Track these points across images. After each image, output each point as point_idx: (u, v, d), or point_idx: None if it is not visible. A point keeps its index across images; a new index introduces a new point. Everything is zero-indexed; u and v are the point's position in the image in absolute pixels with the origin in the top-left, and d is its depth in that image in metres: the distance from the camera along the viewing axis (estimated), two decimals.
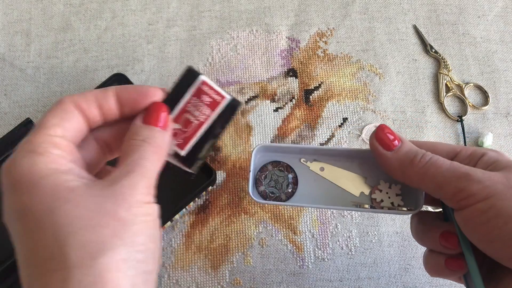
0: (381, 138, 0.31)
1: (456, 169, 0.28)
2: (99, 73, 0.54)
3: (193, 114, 0.29)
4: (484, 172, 0.28)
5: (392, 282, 0.46)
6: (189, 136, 0.29)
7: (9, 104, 0.53)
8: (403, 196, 0.34)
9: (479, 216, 0.27)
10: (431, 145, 0.32)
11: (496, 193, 0.26)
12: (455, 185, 0.28)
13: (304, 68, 0.55)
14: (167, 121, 0.28)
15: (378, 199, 0.34)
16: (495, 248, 0.27)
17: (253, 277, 0.46)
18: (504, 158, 0.30)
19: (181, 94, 0.29)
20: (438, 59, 0.55)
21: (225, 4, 0.58)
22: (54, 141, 0.24)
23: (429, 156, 0.30)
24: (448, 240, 0.31)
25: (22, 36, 0.56)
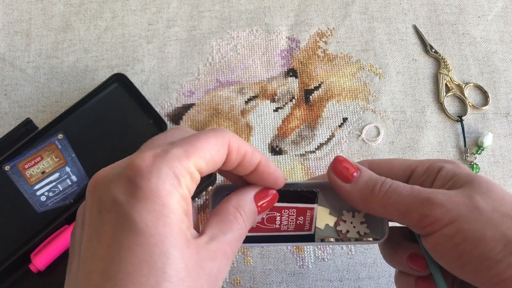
0: (338, 171, 0.30)
1: (417, 194, 0.27)
2: (99, 73, 0.54)
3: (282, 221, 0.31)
4: (445, 194, 0.27)
5: (392, 282, 0.46)
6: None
7: (9, 104, 0.53)
8: (368, 223, 0.32)
9: (447, 242, 0.26)
10: (387, 162, 0.31)
11: (460, 216, 0.25)
12: (418, 212, 0.27)
13: (304, 68, 0.55)
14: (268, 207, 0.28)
15: (343, 231, 0.32)
16: (467, 272, 0.26)
17: (253, 277, 0.46)
18: (463, 171, 0.29)
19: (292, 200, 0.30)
20: (438, 59, 0.56)
21: (225, 4, 0.58)
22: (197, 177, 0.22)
23: (388, 183, 0.29)
24: (415, 262, 0.30)
25: (22, 36, 0.56)
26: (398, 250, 0.31)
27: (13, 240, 0.45)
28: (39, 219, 0.46)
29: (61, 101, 0.53)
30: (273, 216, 0.31)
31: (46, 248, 0.44)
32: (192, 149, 0.21)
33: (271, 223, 0.31)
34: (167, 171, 0.20)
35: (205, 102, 0.53)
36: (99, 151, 0.48)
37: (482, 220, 0.25)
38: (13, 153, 0.46)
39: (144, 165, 0.20)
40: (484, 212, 0.25)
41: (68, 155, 0.48)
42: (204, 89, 0.54)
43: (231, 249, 0.23)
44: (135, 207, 0.19)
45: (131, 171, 0.20)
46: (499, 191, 0.27)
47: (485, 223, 0.25)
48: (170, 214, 0.20)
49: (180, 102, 0.53)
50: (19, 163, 0.47)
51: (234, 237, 0.24)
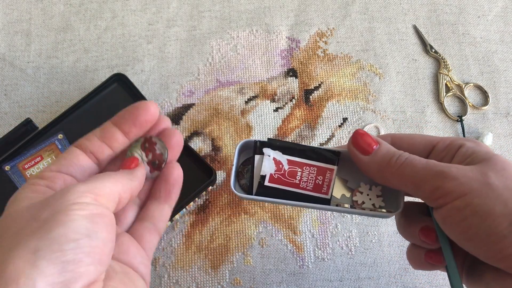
0: (357, 143, 0.31)
1: (431, 167, 0.28)
2: (99, 73, 0.54)
3: None
4: (459, 168, 0.27)
5: (392, 282, 0.46)
6: None
7: (9, 104, 0.53)
8: (384, 197, 0.33)
9: (456, 214, 0.27)
10: (409, 137, 0.32)
11: (471, 190, 0.26)
12: (431, 184, 0.27)
13: (304, 68, 0.55)
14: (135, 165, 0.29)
15: (359, 201, 0.33)
16: (473, 246, 0.27)
17: (253, 277, 0.46)
18: (482, 149, 0.29)
19: None
20: (438, 59, 0.56)
21: (225, 4, 0.58)
22: (42, 175, 0.26)
23: (405, 156, 0.29)
24: (427, 235, 0.31)
25: (22, 36, 0.56)
26: (412, 223, 0.32)
27: None
28: None
29: (61, 101, 0.53)
30: (294, 171, 0.32)
31: None
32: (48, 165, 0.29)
33: (292, 177, 0.32)
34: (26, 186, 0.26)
35: (205, 102, 0.53)
36: None
37: (492, 196, 0.26)
38: (13, 153, 0.46)
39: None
40: (496, 188, 0.26)
41: None
42: (204, 89, 0.54)
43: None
44: None
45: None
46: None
47: (495, 199, 0.26)
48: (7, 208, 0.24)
49: (180, 102, 0.53)
50: (19, 163, 0.47)
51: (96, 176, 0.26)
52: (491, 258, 0.26)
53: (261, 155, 0.32)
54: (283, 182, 0.32)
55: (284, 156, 0.32)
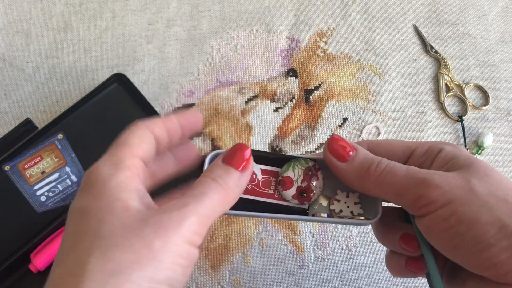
0: (334, 149, 0.30)
1: (412, 175, 0.27)
2: (99, 73, 0.54)
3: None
4: (442, 175, 0.26)
5: (392, 282, 0.46)
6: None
7: (9, 104, 0.53)
8: (362, 203, 0.32)
9: (441, 223, 0.26)
10: (387, 143, 0.31)
11: (455, 198, 0.25)
12: (414, 193, 0.26)
13: (304, 68, 0.55)
14: (248, 163, 0.27)
15: (337, 210, 0.32)
16: (459, 254, 0.26)
17: (253, 277, 0.46)
18: (462, 154, 0.28)
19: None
20: (438, 59, 0.55)
21: (225, 4, 0.58)
22: (134, 161, 0.26)
23: (384, 163, 0.28)
24: (408, 243, 0.30)
25: (22, 36, 0.56)
26: (391, 230, 0.31)
27: (13, 240, 0.45)
28: (39, 219, 0.46)
29: (61, 101, 0.53)
30: (268, 180, 0.30)
31: (46, 248, 0.44)
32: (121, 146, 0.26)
33: (266, 188, 0.30)
34: (105, 163, 0.25)
35: (205, 102, 0.53)
36: (99, 151, 0.48)
37: (477, 204, 0.25)
38: (13, 153, 0.46)
39: (89, 170, 0.26)
40: (480, 195, 0.25)
41: (68, 155, 0.48)
42: (204, 89, 0.54)
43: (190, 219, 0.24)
44: (79, 197, 0.25)
45: (84, 179, 0.26)
46: (497, 176, 0.27)
47: (480, 206, 0.25)
48: (105, 193, 0.24)
49: (180, 102, 0.53)
50: (19, 163, 0.47)
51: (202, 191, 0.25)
52: (478, 267, 0.25)
53: None
54: (257, 193, 0.30)
55: (258, 165, 0.30)
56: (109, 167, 0.25)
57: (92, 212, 0.23)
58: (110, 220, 0.23)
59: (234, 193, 0.26)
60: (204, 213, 0.24)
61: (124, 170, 0.25)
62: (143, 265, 0.22)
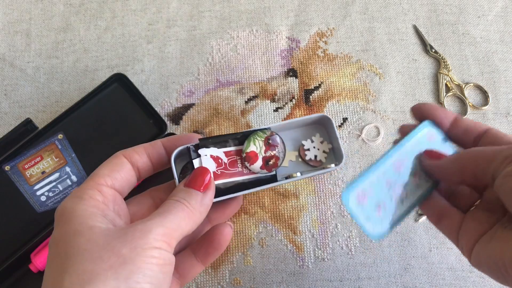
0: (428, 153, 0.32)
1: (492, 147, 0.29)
2: (99, 73, 0.54)
3: None
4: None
5: (392, 282, 0.46)
6: None
7: (9, 104, 0.53)
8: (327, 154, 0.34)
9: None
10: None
11: None
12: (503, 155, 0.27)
13: (304, 68, 0.55)
14: (208, 184, 0.29)
15: (312, 157, 0.34)
16: None
17: (253, 277, 0.46)
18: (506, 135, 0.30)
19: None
20: (438, 59, 0.56)
21: (225, 4, 0.58)
22: (100, 189, 0.27)
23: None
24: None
25: (22, 36, 0.56)
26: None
27: (13, 240, 0.45)
28: (39, 219, 0.46)
29: (61, 101, 0.53)
30: (234, 160, 0.32)
31: (46, 248, 0.44)
32: (90, 177, 0.28)
33: (233, 167, 0.32)
34: (69, 197, 0.27)
35: (205, 102, 0.53)
36: (99, 151, 0.48)
37: None
38: (13, 153, 0.46)
39: (59, 205, 0.27)
40: None
41: (68, 155, 0.48)
42: (204, 89, 0.54)
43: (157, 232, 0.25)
44: (54, 231, 0.26)
45: (55, 215, 0.27)
46: None
47: None
48: (71, 221, 0.25)
49: (180, 102, 0.53)
50: (19, 163, 0.47)
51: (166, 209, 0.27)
52: None
53: (198, 158, 0.31)
54: (227, 175, 0.32)
55: (220, 149, 0.32)
56: (72, 201, 0.27)
57: (61, 238, 0.25)
58: (77, 240, 0.24)
59: (199, 212, 0.28)
60: (169, 226, 0.26)
61: (86, 200, 0.26)
62: (117, 270, 0.23)
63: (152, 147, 0.30)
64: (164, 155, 0.31)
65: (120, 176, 0.29)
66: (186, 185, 0.29)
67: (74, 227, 0.25)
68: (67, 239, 0.25)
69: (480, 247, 0.29)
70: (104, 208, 0.27)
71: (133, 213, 0.30)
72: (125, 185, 0.29)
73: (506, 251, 0.26)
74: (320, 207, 0.49)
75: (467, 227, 0.31)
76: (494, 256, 0.27)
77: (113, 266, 0.23)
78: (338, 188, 0.50)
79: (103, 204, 0.27)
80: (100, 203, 0.27)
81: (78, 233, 0.25)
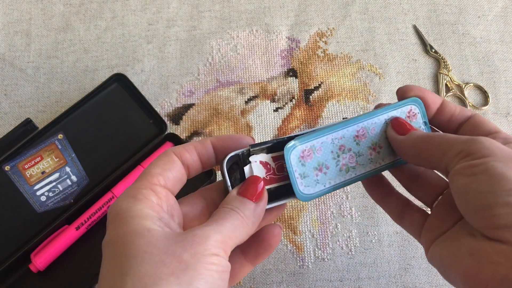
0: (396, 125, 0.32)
1: (460, 136, 0.28)
2: (99, 73, 0.54)
3: None
4: (486, 139, 0.27)
5: (392, 282, 0.46)
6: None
7: (9, 104, 0.53)
8: None
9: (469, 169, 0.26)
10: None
11: (492, 154, 0.26)
12: (458, 148, 0.27)
13: (304, 68, 0.55)
14: (261, 194, 0.29)
15: None
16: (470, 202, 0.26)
17: (253, 277, 0.46)
18: (490, 123, 0.30)
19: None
20: (438, 59, 0.56)
21: (225, 4, 0.58)
22: (154, 189, 0.27)
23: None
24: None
25: (22, 36, 0.56)
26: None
27: (13, 240, 0.45)
28: (39, 219, 0.46)
29: (61, 101, 0.53)
30: (281, 164, 0.32)
31: (46, 248, 0.44)
32: (142, 176, 0.28)
33: (281, 172, 0.32)
34: (123, 197, 0.27)
35: (205, 102, 0.53)
36: (99, 151, 0.48)
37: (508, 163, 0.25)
38: (13, 153, 0.46)
39: (112, 205, 0.27)
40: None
41: (68, 155, 0.48)
42: (204, 89, 0.54)
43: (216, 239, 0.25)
44: (107, 231, 0.26)
45: (108, 215, 0.27)
46: None
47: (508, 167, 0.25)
48: (127, 222, 0.25)
49: (180, 102, 0.53)
50: (19, 163, 0.47)
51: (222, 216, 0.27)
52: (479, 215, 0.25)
53: (248, 165, 0.31)
54: (275, 180, 0.32)
55: (268, 155, 0.31)
56: (127, 201, 0.26)
57: (118, 239, 0.25)
58: (137, 242, 0.24)
59: (252, 222, 0.28)
60: (226, 233, 0.26)
61: (141, 201, 0.26)
62: (179, 275, 0.23)
63: (202, 146, 0.30)
64: (213, 154, 0.30)
65: (172, 175, 0.28)
66: (239, 194, 0.29)
67: (132, 227, 0.25)
68: (126, 239, 0.24)
69: (434, 246, 0.29)
70: (159, 210, 0.26)
71: (185, 213, 0.30)
72: (176, 184, 0.29)
73: (449, 253, 0.27)
74: (320, 207, 0.49)
75: (430, 225, 0.31)
76: (440, 258, 0.28)
77: (175, 271, 0.23)
78: None
79: (158, 205, 0.27)
80: (155, 204, 0.26)
81: (137, 234, 0.24)
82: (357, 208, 0.49)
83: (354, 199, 0.49)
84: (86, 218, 0.46)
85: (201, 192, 0.32)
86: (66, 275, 0.45)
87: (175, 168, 0.28)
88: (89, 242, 0.46)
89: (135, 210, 0.25)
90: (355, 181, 0.32)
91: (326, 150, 0.30)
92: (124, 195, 0.27)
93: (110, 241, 0.25)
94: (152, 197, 0.26)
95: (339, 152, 0.31)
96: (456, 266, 0.26)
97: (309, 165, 0.30)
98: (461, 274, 0.25)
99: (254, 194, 0.29)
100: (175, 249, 0.24)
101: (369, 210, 0.49)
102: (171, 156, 0.28)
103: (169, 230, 0.26)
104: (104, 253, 0.25)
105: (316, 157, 0.30)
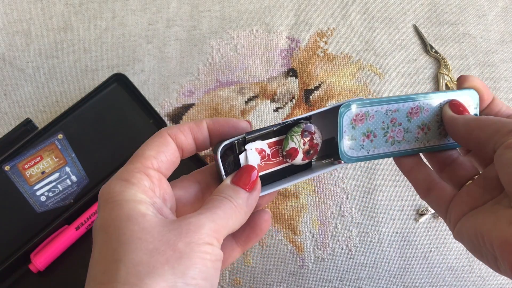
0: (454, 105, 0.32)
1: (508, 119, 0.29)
2: (99, 73, 0.54)
3: None
4: None
5: (392, 282, 0.46)
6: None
7: (9, 104, 0.53)
8: None
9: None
10: None
11: None
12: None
13: (304, 68, 0.55)
14: (254, 183, 0.29)
15: None
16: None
17: (253, 277, 0.46)
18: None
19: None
20: (438, 59, 0.55)
21: (225, 4, 0.58)
22: (148, 173, 0.26)
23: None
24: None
25: (22, 36, 0.56)
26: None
27: (13, 240, 0.45)
28: (39, 219, 0.46)
29: (61, 101, 0.53)
30: (276, 150, 0.32)
31: (46, 248, 0.44)
32: (135, 157, 0.27)
33: (275, 157, 0.32)
34: (116, 180, 0.26)
35: (205, 102, 0.53)
36: (99, 151, 0.48)
37: None
38: (13, 153, 0.46)
39: (103, 187, 0.26)
40: None
41: (68, 155, 0.48)
42: (204, 89, 0.54)
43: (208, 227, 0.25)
44: (98, 214, 0.26)
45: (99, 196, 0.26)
46: None
47: None
48: (120, 205, 0.24)
49: (180, 102, 0.53)
50: (19, 163, 0.47)
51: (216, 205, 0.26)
52: None
53: (243, 152, 0.31)
54: (270, 165, 0.32)
55: (263, 142, 0.32)
56: (120, 184, 0.26)
57: (112, 223, 0.24)
58: (131, 228, 0.24)
59: (244, 212, 0.28)
60: (219, 222, 0.25)
61: (135, 185, 0.25)
62: (173, 264, 0.23)
63: (197, 128, 0.29)
64: (208, 137, 0.30)
65: (166, 158, 0.27)
66: (233, 183, 0.28)
67: (125, 211, 0.24)
68: (119, 224, 0.24)
69: (465, 219, 0.29)
70: (152, 195, 0.26)
71: (178, 198, 0.29)
72: (170, 167, 0.28)
73: (486, 222, 0.27)
74: (320, 207, 0.49)
75: (460, 200, 0.31)
76: (475, 227, 0.28)
77: (170, 260, 0.23)
78: (338, 188, 0.50)
79: (151, 190, 0.26)
80: (148, 189, 0.26)
81: (131, 219, 0.24)
82: (357, 208, 0.49)
83: (354, 199, 0.49)
84: (86, 218, 0.46)
85: (194, 175, 0.31)
86: (66, 275, 0.45)
87: (169, 151, 0.28)
88: (89, 242, 0.46)
89: (129, 194, 0.25)
90: (397, 155, 0.32)
91: (378, 119, 0.31)
92: (117, 177, 0.26)
93: (103, 225, 0.25)
94: (145, 181, 0.26)
95: (389, 124, 0.32)
96: (494, 233, 0.26)
97: (358, 129, 0.31)
98: (499, 242, 0.25)
99: (248, 184, 0.28)
100: (169, 237, 0.23)
101: (369, 210, 0.49)
102: (166, 138, 0.28)
103: (161, 216, 0.25)
104: (96, 237, 0.25)
105: (367, 124, 0.31)
